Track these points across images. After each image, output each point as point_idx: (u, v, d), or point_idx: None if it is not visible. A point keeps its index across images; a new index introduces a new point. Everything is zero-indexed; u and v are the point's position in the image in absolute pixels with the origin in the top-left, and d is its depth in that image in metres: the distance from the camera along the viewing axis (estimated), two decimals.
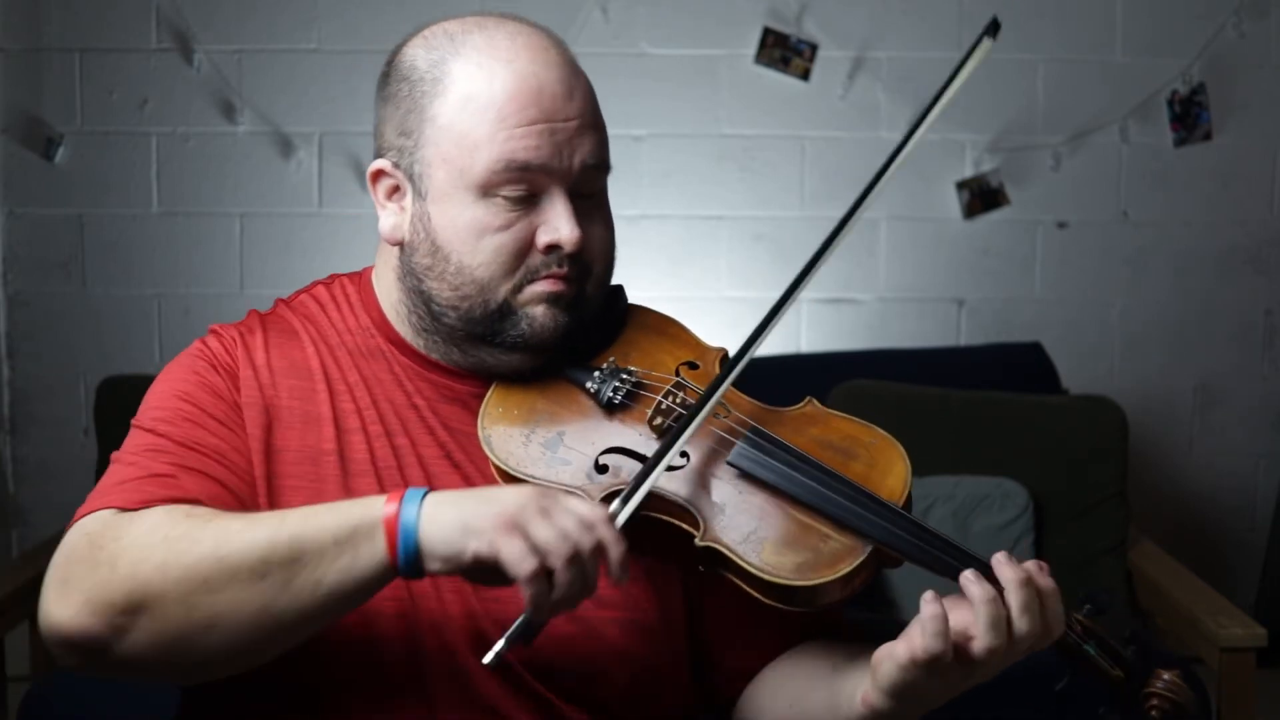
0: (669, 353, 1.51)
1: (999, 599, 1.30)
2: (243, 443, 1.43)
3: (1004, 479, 3.12)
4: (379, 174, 1.48)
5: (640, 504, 1.35)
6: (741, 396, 1.47)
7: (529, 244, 1.42)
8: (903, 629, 1.32)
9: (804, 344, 3.70)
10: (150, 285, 3.67)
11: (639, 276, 1.59)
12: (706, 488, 1.39)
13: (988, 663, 1.29)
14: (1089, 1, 3.68)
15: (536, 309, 1.43)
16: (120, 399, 3.15)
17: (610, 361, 1.47)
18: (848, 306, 3.72)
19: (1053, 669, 1.37)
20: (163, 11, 3.58)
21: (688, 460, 1.41)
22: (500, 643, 1.28)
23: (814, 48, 3.62)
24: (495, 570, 1.25)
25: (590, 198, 1.45)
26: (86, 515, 1.35)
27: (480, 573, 1.27)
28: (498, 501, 1.26)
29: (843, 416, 1.46)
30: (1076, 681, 1.36)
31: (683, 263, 3.70)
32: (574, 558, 1.25)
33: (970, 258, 3.74)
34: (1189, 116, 3.66)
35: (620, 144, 1.49)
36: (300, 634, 1.32)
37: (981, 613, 1.29)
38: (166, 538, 1.29)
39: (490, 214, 1.41)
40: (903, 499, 1.38)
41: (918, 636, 1.29)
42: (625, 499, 1.34)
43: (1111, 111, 3.68)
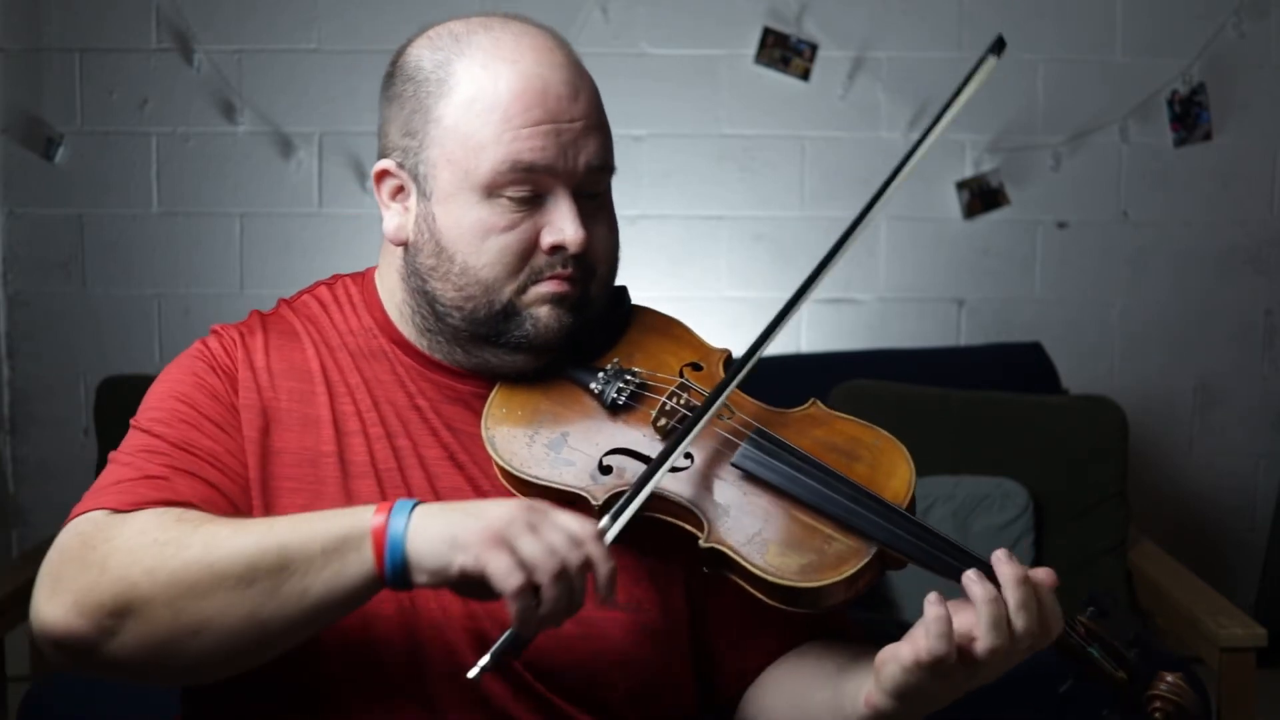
0: (673, 354, 1.51)
1: (1000, 598, 1.30)
2: (237, 446, 1.43)
3: (1004, 479, 3.12)
4: (383, 174, 1.48)
5: (644, 505, 1.35)
6: (746, 398, 1.47)
7: (533, 245, 1.42)
8: (903, 628, 1.32)
9: (804, 344, 3.69)
10: (150, 285, 3.67)
11: (639, 276, 1.59)
12: (711, 489, 1.39)
13: (990, 663, 1.29)
14: (1089, 1, 3.67)
15: (541, 309, 1.43)
16: (120, 399, 3.15)
17: (614, 362, 1.47)
18: (848, 306, 3.72)
19: (1056, 671, 1.37)
20: (163, 11, 3.58)
21: (692, 461, 1.40)
22: (485, 658, 1.27)
23: (814, 48, 3.61)
24: (482, 585, 1.25)
25: (594, 198, 1.45)
26: (80, 515, 1.36)
27: (467, 587, 1.26)
28: (485, 516, 1.26)
29: (847, 418, 1.46)
30: (1080, 683, 1.36)
31: (683, 263, 3.70)
32: (561, 574, 1.24)
33: (970, 258, 3.73)
34: (1189, 116, 3.66)
35: (620, 144, 1.49)
36: (288, 641, 1.32)
37: (983, 612, 1.29)
38: (156, 541, 1.29)
39: (495, 214, 1.41)
40: (906, 501, 1.38)
41: (922, 638, 1.28)
42: (627, 502, 1.34)
43: (1111, 111, 3.67)
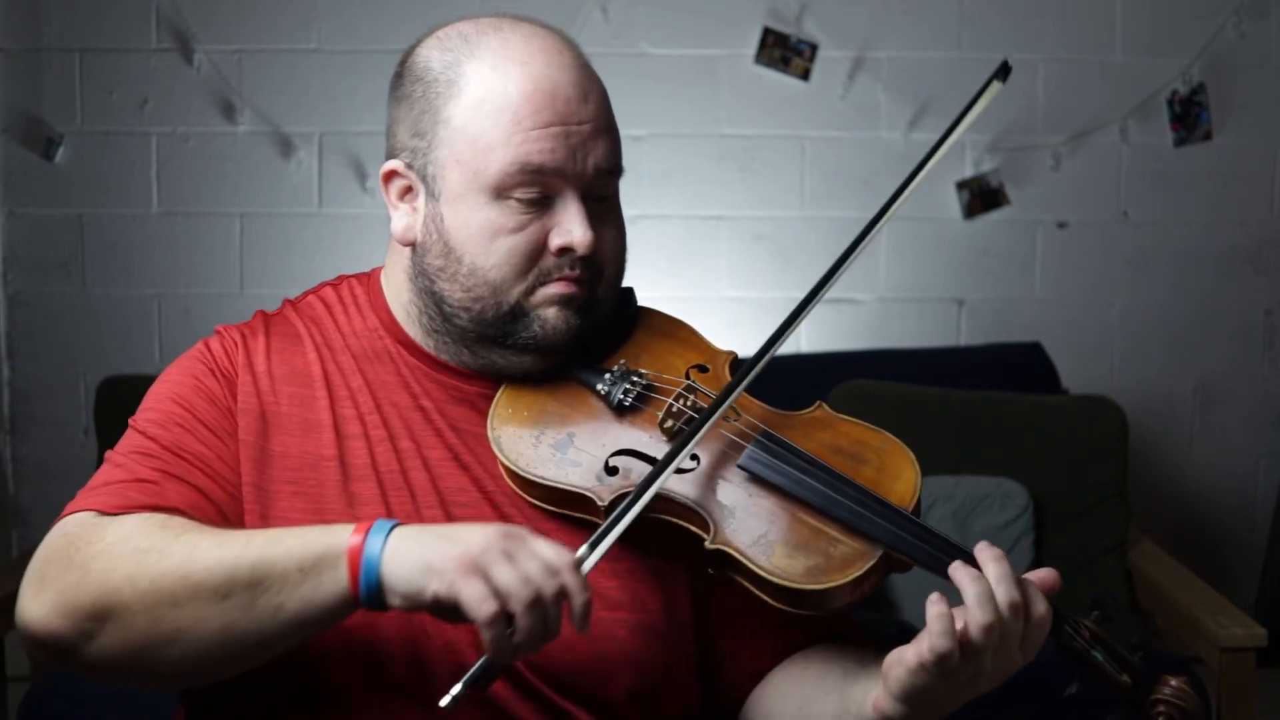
0: (679, 356, 1.51)
1: (982, 576, 1.31)
2: (230, 451, 1.44)
3: (1004, 479, 3.12)
4: (391, 175, 1.48)
5: (649, 506, 1.35)
6: (752, 400, 1.47)
7: (542, 246, 1.42)
8: (903, 628, 1.33)
9: (804, 344, 3.69)
10: (150, 285, 3.67)
11: (639, 276, 1.60)
12: (716, 491, 1.39)
13: (985, 645, 1.29)
14: (1089, 1, 3.67)
15: (548, 311, 1.43)
16: (120, 399, 3.15)
17: (621, 364, 1.48)
18: (848, 306, 3.72)
19: (1060, 674, 1.37)
20: (163, 11, 3.57)
21: (698, 463, 1.41)
22: (458, 686, 1.26)
23: (814, 48, 3.61)
24: (456, 611, 1.24)
25: (602, 200, 1.46)
26: (69, 515, 1.37)
27: (442, 612, 1.26)
28: (461, 542, 1.25)
29: (853, 421, 1.46)
30: (1084, 687, 1.36)
31: (683, 263, 3.70)
32: (535, 603, 1.24)
33: (970, 258, 3.73)
34: (1189, 116, 3.66)
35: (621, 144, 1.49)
36: (262, 655, 1.32)
37: (969, 592, 1.30)
38: (138, 548, 1.30)
39: (503, 216, 1.41)
40: (912, 504, 1.39)
41: (925, 637, 1.29)
42: (630, 504, 1.34)
43: (1111, 111, 3.67)
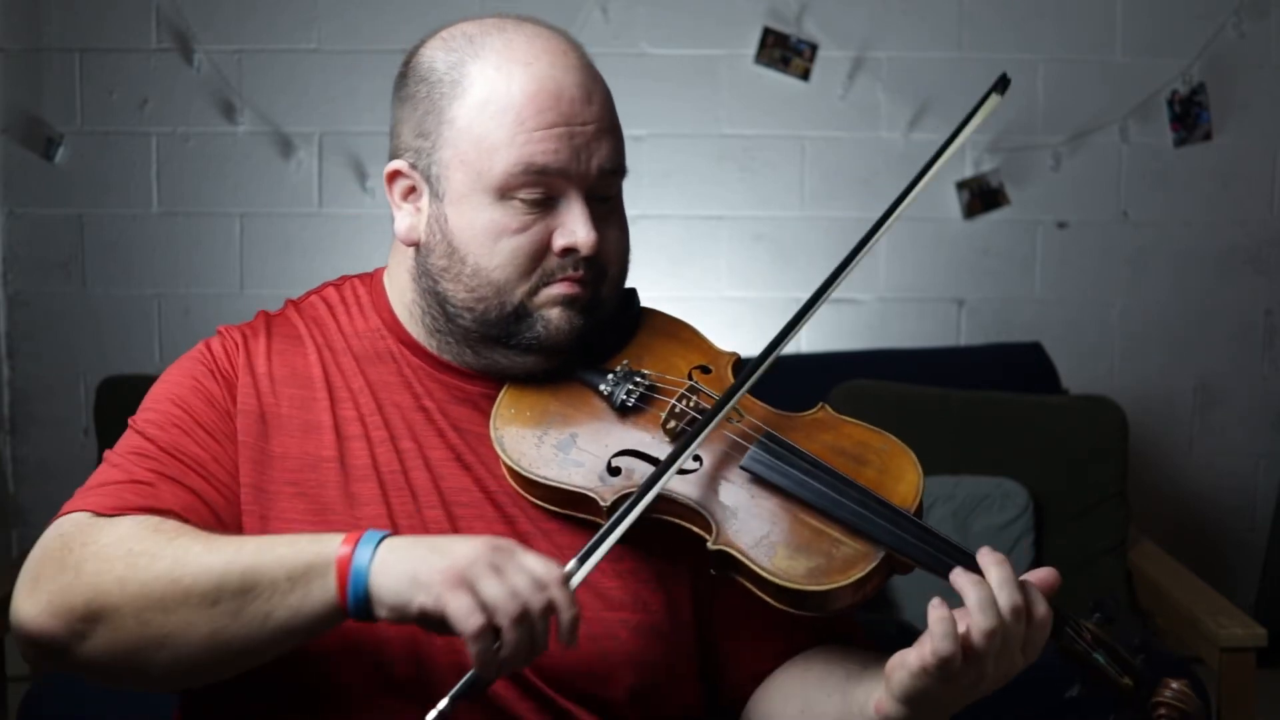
0: (682, 356, 1.51)
1: (984, 581, 1.31)
2: (226, 453, 1.44)
3: (1004, 479, 3.12)
4: (395, 175, 1.48)
5: (651, 506, 1.35)
6: (755, 402, 1.47)
7: (545, 246, 1.42)
8: (903, 628, 1.33)
9: (804, 344, 3.69)
10: (150, 285, 3.67)
11: (639, 277, 1.60)
12: (719, 492, 1.39)
13: (987, 649, 1.29)
14: (1089, 1, 3.68)
15: (552, 311, 1.44)
16: (120, 399, 3.15)
17: (624, 364, 1.48)
18: (848, 306, 3.72)
19: (1062, 676, 1.37)
20: (163, 11, 3.57)
21: (700, 464, 1.41)
22: (444, 702, 1.26)
23: (814, 48, 3.61)
24: (443, 624, 1.24)
25: (606, 201, 1.46)
26: (65, 515, 1.37)
27: (429, 624, 1.25)
28: (450, 554, 1.25)
29: (855, 423, 1.46)
30: (1086, 689, 1.36)
31: (682, 263, 3.70)
32: (522, 617, 1.23)
33: (970, 258, 3.73)
34: (1189, 116, 3.66)
35: None
36: (251, 661, 1.32)
37: (971, 596, 1.29)
38: (130, 551, 1.30)
39: (507, 216, 1.41)
40: (914, 506, 1.39)
41: (928, 640, 1.29)
42: (631, 506, 1.34)
43: (1111, 111, 3.67)
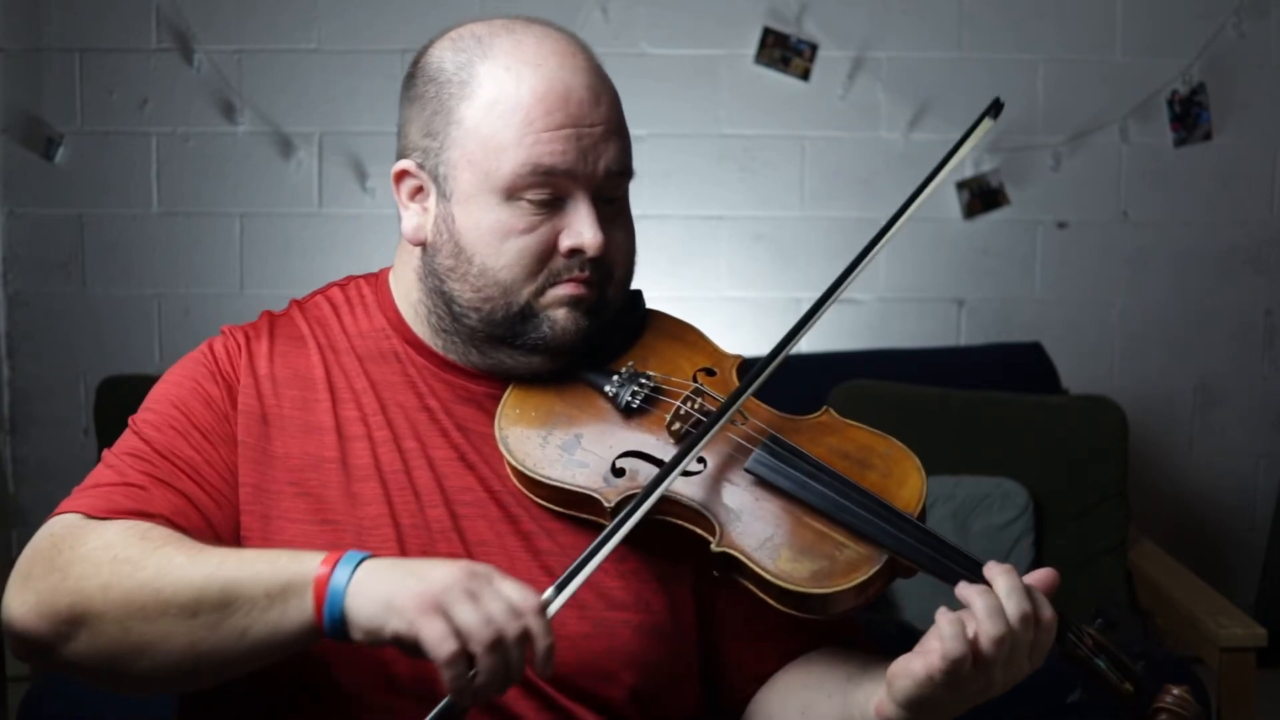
0: (687, 358, 1.51)
1: (991, 590, 1.31)
2: (221, 457, 1.44)
3: (1004, 479, 3.12)
4: (403, 174, 1.48)
5: (655, 508, 1.36)
6: (760, 405, 1.48)
7: (552, 247, 1.43)
8: (903, 628, 1.32)
9: (804, 344, 3.67)
10: (150, 285, 3.67)
11: (639, 277, 1.60)
12: (723, 494, 1.40)
13: (996, 657, 1.29)
14: (1089, 1, 3.68)
15: (558, 312, 1.44)
16: (120, 399, 3.15)
17: (629, 366, 1.48)
18: (848, 306, 3.72)
19: (1064, 681, 1.37)
20: (163, 11, 3.57)
21: (705, 466, 1.41)
22: None
23: (814, 48, 3.61)
24: (418, 649, 1.23)
25: (612, 202, 1.48)
26: (59, 515, 1.38)
27: (405, 648, 1.25)
28: (426, 579, 1.24)
29: (859, 426, 1.47)
30: (1087, 694, 1.36)
31: (682, 263, 3.70)
32: (496, 644, 1.22)
33: (970, 258, 3.73)
34: (1189, 116, 3.66)
35: None
36: (230, 673, 1.33)
37: (978, 605, 1.29)
38: (116, 558, 1.31)
39: (514, 217, 1.41)
40: (917, 510, 1.39)
41: (936, 645, 1.29)
42: (634, 508, 1.34)
43: (1111, 111, 3.67)
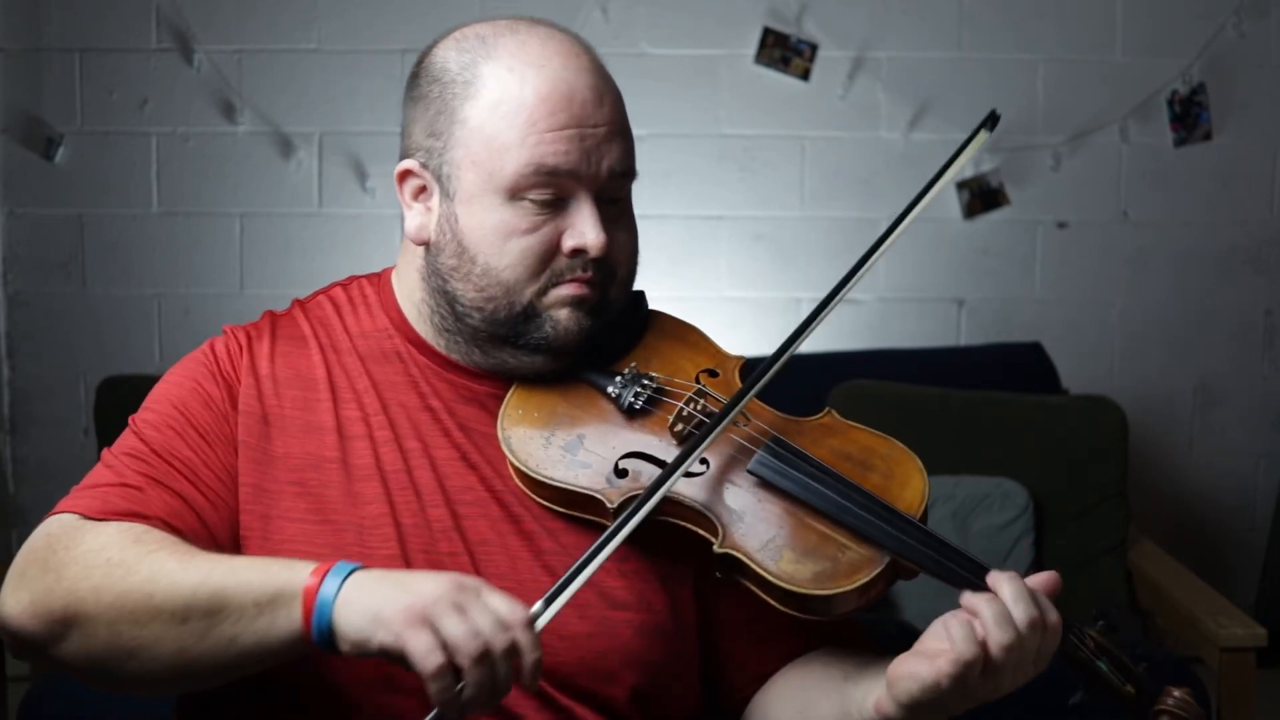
0: (689, 360, 1.51)
1: (997, 597, 1.31)
2: (218, 457, 1.44)
3: (1004, 479, 3.12)
4: (406, 174, 1.48)
5: (657, 508, 1.36)
6: (762, 406, 1.48)
7: (555, 247, 1.43)
8: (903, 628, 1.32)
9: (804, 344, 3.68)
10: (150, 285, 3.67)
11: (639, 277, 1.60)
12: (725, 495, 1.40)
13: (1005, 663, 1.29)
14: (1089, 1, 3.68)
15: (560, 312, 1.44)
16: (120, 399, 3.15)
17: (632, 367, 1.48)
18: (847, 307, 3.72)
19: (1065, 683, 1.37)
20: (163, 11, 3.58)
21: (707, 467, 1.41)
22: None
23: (814, 48, 3.61)
24: (405, 661, 1.23)
25: (615, 203, 1.48)
26: (56, 514, 1.38)
27: (393, 661, 1.24)
28: (413, 592, 1.23)
29: (861, 428, 1.47)
30: (1088, 696, 1.36)
31: (682, 263, 3.70)
32: (482, 657, 1.21)
33: (970, 258, 3.73)
34: (1189, 116, 3.66)
35: None
36: (219, 679, 1.33)
37: (986, 613, 1.30)
38: (109, 561, 1.31)
39: (517, 217, 1.42)
40: (919, 512, 1.39)
41: (946, 650, 1.28)
42: (638, 507, 1.35)
43: (1111, 111, 3.67)
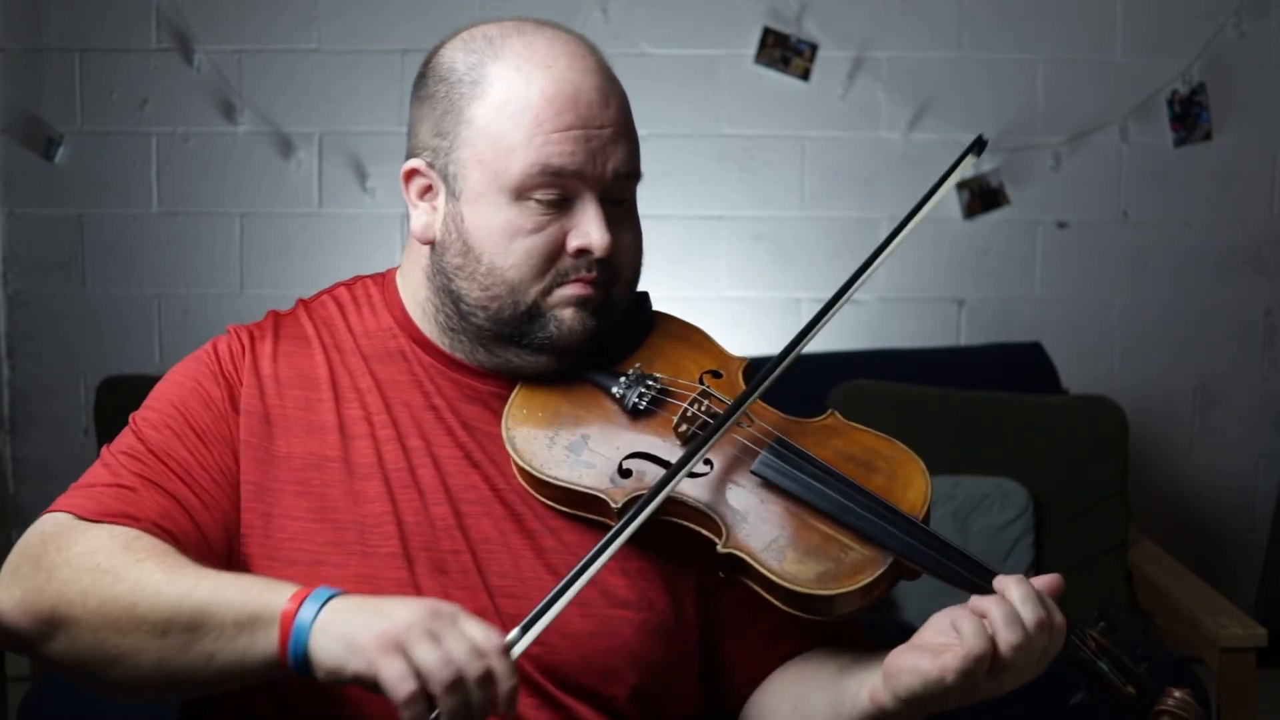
0: (693, 360, 1.52)
1: (1005, 599, 1.31)
2: (215, 459, 1.44)
3: (1004, 479, 3.12)
4: (412, 173, 1.49)
5: (661, 508, 1.36)
6: (766, 407, 1.48)
7: (560, 247, 1.43)
8: (902, 628, 1.32)
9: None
10: (150, 285, 3.67)
11: (641, 277, 1.61)
12: (729, 495, 1.40)
13: (1012, 662, 1.29)
14: (1089, 1, 3.68)
15: (565, 312, 1.44)
16: (120, 399, 3.15)
17: (636, 367, 1.49)
18: (847, 306, 3.68)
19: (1066, 683, 1.37)
20: (163, 11, 3.57)
21: (711, 468, 1.41)
22: None
23: (814, 48, 3.61)
24: (379, 688, 1.22)
25: (620, 204, 1.49)
26: (53, 512, 1.39)
27: (367, 688, 1.24)
28: (388, 618, 1.23)
29: (865, 430, 1.47)
30: (1089, 697, 1.37)
31: (682, 263, 3.70)
32: (455, 684, 1.21)
33: (970, 258, 3.73)
34: (1189, 116, 3.66)
35: None
36: (200, 691, 1.33)
37: (995, 614, 1.30)
38: (98, 566, 1.31)
39: (523, 217, 1.42)
40: (922, 513, 1.39)
41: (955, 645, 1.28)
42: (641, 507, 1.35)
43: (1111, 111, 3.67)
